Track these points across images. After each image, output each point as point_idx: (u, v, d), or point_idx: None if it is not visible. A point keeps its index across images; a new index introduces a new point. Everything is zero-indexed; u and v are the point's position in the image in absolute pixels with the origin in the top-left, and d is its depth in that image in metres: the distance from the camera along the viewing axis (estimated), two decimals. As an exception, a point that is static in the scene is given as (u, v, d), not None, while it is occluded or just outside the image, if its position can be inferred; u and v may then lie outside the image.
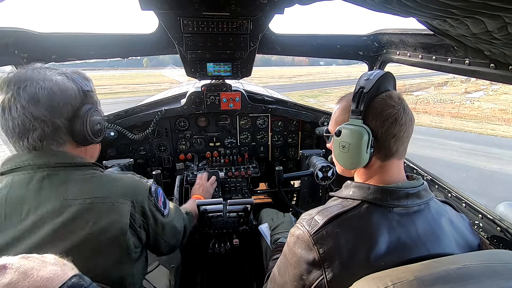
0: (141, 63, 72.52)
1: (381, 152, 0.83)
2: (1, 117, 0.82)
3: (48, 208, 0.79)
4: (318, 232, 0.77)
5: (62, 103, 0.85)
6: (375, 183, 0.84)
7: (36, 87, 0.81)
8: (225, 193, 1.98)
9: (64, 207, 0.80)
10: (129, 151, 2.27)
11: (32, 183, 0.81)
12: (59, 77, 0.86)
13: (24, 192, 0.80)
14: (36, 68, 0.86)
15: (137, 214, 0.91)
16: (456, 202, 1.34)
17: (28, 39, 1.46)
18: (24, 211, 0.78)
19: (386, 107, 0.81)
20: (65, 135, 0.88)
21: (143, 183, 0.99)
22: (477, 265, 0.65)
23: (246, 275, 2.09)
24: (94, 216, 0.82)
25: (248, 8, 1.34)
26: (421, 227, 0.77)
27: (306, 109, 2.33)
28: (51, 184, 0.82)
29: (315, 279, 0.75)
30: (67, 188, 0.82)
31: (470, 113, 18.75)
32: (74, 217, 0.79)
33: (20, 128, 0.81)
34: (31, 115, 0.81)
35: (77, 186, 0.84)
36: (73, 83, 0.89)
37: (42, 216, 0.78)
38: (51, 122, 0.83)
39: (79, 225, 0.79)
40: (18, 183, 0.81)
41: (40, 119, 0.82)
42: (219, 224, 1.68)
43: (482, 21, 0.64)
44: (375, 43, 1.75)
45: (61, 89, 0.85)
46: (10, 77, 0.82)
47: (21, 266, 0.55)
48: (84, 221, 0.80)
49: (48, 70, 0.87)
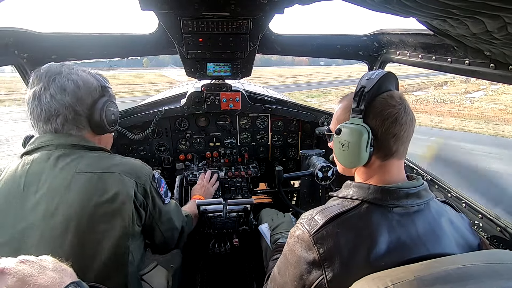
0: (141, 63, 72.55)
1: (381, 151, 0.83)
2: (32, 103, 0.95)
3: (61, 179, 0.89)
4: (318, 232, 0.77)
5: (84, 94, 0.99)
6: (375, 183, 0.84)
7: (63, 79, 0.96)
8: (225, 193, 1.98)
9: (75, 178, 0.89)
10: (129, 151, 2.27)
11: (50, 160, 0.92)
12: (83, 73, 1.02)
13: (43, 167, 0.91)
14: (65, 64, 1.02)
15: (139, 193, 0.98)
16: (456, 202, 1.34)
17: (28, 39, 1.46)
18: (41, 182, 0.88)
19: (387, 107, 0.81)
20: (84, 121, 1.01)
21: (148, 169, 1.07)
22: (477, 265, 0.65)
23: (246, 275, 2.09)
24: (102, 185, 0.91)
25: (248, 8, 1.34)
26: (421, 227, 0.77)
27: (306, 109, 2.33)
28: (66, 160, 0.93)
29: (315, 279, 0.75)
30: (79, 163, 0.93)
31: (470, 113, 18.76)
32: (84, 186, 0.89)
33: (47, 113, 0.95)
34: (57, 102, 0.94)
35: (88, 161, 0.94)
36: (94, 78, 1.04)
37: (56, 186, 0.88)
38: (73, 109, 0.97)
39: (88, 193, 0.88)
40: (39, 159, 0.93)
41: (65, 106, 0.95)
42: (219, 224, 1.68)
43: (482, 21, 0.64)
44: (375, 43, 1.75)
45: (84, 82, 1.00)
46: (43, 71, 0.97)
47: (20, 272, 0.55)
48: (92, 190, 0.89)
49: (75, 67, 1.02)
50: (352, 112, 0.84)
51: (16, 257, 0.59)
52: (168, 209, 1.14)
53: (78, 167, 0.92)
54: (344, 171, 0.98)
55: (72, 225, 0.85)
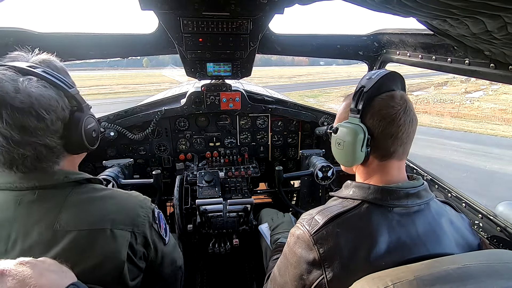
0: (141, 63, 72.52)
1: (379, 151, 0.84)
2: None
3: (39, 237, 0.70)
4: (318, 231, 0.77)
5: (50, 121, 0.72)
6: (375, 182, 0.84)
7: (15, 112, 0.67)
8: (225, 193, 1.98)
9: (57, 237, 0.70)
10: (129, 151, 2.27)
11: (21, 206, 0.72)
12: (35, 89, 0.70)
13: (12, 216, 0.71)
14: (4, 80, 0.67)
15: (138, 245, 0.81)
16: (456, 202, 1.34)
17: (28, 39, 1.46)
18: (11, 239, 0.69)
19: (385, 107, 0.81)
20: (60, 151, 0.78)
21: (147, 207, 0.88)
22: (477, 265, 0.65)
23: (246, 275, 2.09)
24: (89, 247, 0.72)
25: (248, 8, 1.34)
26: (421, 227, 0.77)
27: (306, 109, 2.33)
28: (42, 208, 0.72)
29: (315, 278, 0.75)
30: (60, 214, 0.72)
31: (470, 113, 18.75)
32: (68, 248, 0.70)
33: (6, 159, 0.71)
34: (18, 145, 0.69)
35: (72, 211, 0.74)
36: (53, 89, 0.74)
37: (31, 246, 0.69)
38: (43, 145, 0.72)
39: (72, 258, 0.68)
40: (4, 204, 0.72)
41: (31, 146, 0.71)
42: (219, 224, 1.68)
43: (482, 21, 0.64)
44: (375, 43, 1.75)
45: (43, 106, 0.70)
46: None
47: (20, 273, 0.54)
48: (78, 254, 0.71)
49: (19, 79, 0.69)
50: (351, 111, 0.85)
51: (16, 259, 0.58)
52: (169, 249, 0.99)
53: (59, 222, 0.71)
54: (345, 169, 1.00)
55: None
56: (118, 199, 0.83)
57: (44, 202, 0.73)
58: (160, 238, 0.91)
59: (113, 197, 0.83)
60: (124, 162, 1.93)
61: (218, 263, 2.13)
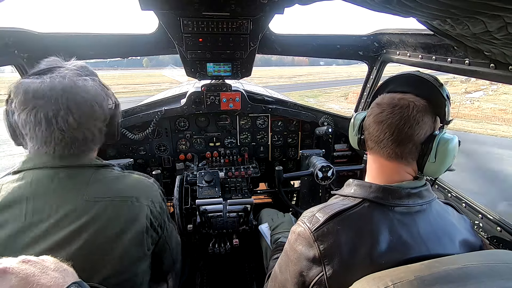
0: (141, 63, 72.55)
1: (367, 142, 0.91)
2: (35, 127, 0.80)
3: (70, 207, 0.79)
4: (319, 229, 0.77)
5: (99, 113, 0.87)
6: (377, 181, 0.84)
7: (75, 102, 0.81)
8: (225, 193, 1.98)
9: (86, 207, 0.80)
10: (129, 151, 2.27)
11: (55, 182, 0.81)
12: (91, 87, 0.86)
13: (47, 191, 0.80)
14: (67, 76, 0.83)
15: (152, 216, 0.92)
16: (456, 202, 1.34)
17: (28, 39, 1.46)
18: (46, 210, 0.78)
19: (374, 104, 0.88)
20: (99, 139, 0.92)
21: (157, 186, 1.01)
22: (477, 265, 0.65)
23: (246, 275, 2.09)
24: (116, 214, 0.83)
25: (248, 8, 1.34)
26: (422, 227, 0.77)
27: (306, 109, 2.33)
28: (73, 183, 0.83)
29: (315, 275, 0.75)
30: (88, 187, 0.83)
31: (470, 113, 18.75)
32: (96, 216, 0.80)
33: (57, 139, 0.82)
34: (72, 128, 0.82)
35: (98, 185, 0.85)
36: (101, 89, 0.90)
37: (65, 215, 0.79)
38: (90, 132, 0.86)
39: (101, 225, 0.80)
40: (40, 180, 0.81)
41: (82, 131, 0.84)
42: (219, 224, 1.68)
43: (482, 21, 0.64)
44: (375, 43, 1.75)
45: (96, 99, 0.86)
46: (44, 88, 0.79)
47: (22, 272, 0.55)
48: (106, 221, 0.81)
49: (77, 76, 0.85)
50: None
51: (17, 257, 0.58)
52: (173, 233, 1.12)
53: (87, 194, 0.82)
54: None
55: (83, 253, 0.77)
56: (135, 178, 0.96)
57: (74, 178, 0.84)
58: (167, 215, 1.04)
59: (131, 177, 0.96)
60: (124, 162, 1.93)
61: (218, 263, 2.13)
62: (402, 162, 0.84)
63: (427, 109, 0.80)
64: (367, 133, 0.89)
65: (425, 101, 0.80)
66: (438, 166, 0.81)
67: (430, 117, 0.80)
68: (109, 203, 0.83)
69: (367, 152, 0.94)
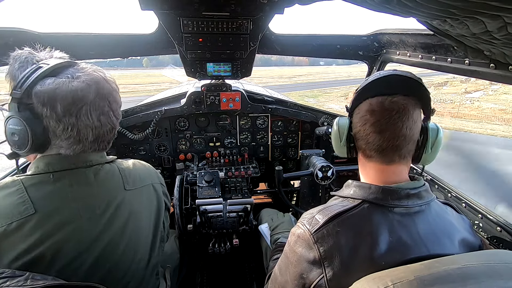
0: (141, 63, 72.55)
1: (361, 150, 0.89)
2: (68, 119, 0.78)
3: (115, 199, 0.87)
4: (318, 230, 0.77)
5: (120, 109, 0.94)
6: (375, 182, 0.84)
7: (108, 98, 0.86)
8: (225, 193, 1.99)
9: (126, 196, 0.89)
10: (129, 151, 2.27)
11: (91, 179, 0.85)
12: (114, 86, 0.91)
13: (89, 188, 0.84)
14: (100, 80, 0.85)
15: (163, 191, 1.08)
16: (456, 202, 1.34)
17: (28, 39, 1.45)
18: (96, 207, 0.83)
19: (366, 112, 0.83)
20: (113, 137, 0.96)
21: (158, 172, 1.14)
22: (477, 265, 0.65)
23: (246, 275, 2.09)
24: (146, 197, 0.97)
25: (248, 8, 1.34)
26: (421, 228, 0.77)
27: (306, 109, 2.33)
28: (106, 177, 0.88)
29: (316, 277, 0.75)
30: (120, 179, 0.91)
31: (470, 113, 18.75)
32: (135, 200, 0.92)
33: (95, 135, 0.85)
34: (108, 123, 0.87)
35: (126, 175, 0.93)
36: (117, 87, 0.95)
37: (116, 207, 0.86)
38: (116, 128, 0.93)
39: (135, 208, 0.91)
40: (79, 180, 0.83)
41: (112, 126, 0.90)
42: (219, 224, 1.68)
43: (482, 21, 0.64)
44: (375, 43, 1.75)
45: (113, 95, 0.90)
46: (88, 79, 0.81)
47: None
48: (142, 206, 0.94)
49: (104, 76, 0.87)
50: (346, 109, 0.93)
51: None
52: None
53: (124, 185, 0.91)
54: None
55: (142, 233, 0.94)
56: (143, 165, 1.06)
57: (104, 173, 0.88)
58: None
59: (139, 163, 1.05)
60: None
61: (218, 263, 2.13)
62: (401, 163, 0.84)
63: (417, 105, 0.81)
64: (363, 142, 0.85)
65: (414, 99, 0.81)
66: (433, 154, 0.87)
67: (419, 112, 0.83)
68: (138, 190, 0.94)
69: (361, 158, 0.91)
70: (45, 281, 0.68)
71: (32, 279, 0.68)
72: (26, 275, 0.69)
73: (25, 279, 0.67)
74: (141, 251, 0.94)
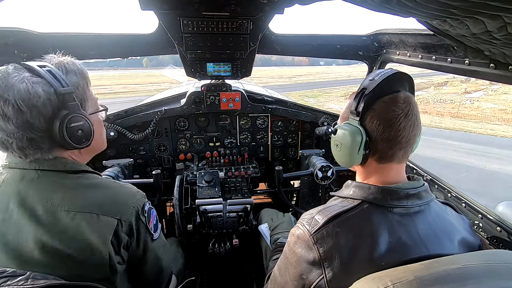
0: (141, 63, 72.54)
1: (377, 154, 0.83)
2: None
3: (31, 211, 0.77)
4: (318, 231, 0.77)
5: (30, 117, 0.77)
6: (375, 183, 0.84)
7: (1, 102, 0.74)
8: (225, 193, 1.99)
9: (48, 214, 0.77)
10: (129, 151, 2.27)
11: (23, 181, 0.81)
12: (23, 85, 0.76)
13: (15, 189, 0.80)
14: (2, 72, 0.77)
15: (122, 233, 0.84)
16: (456, 202, 1.34)
17: (28, 39, 1.46)
18: (9, 208, 0.78)
19: (385, 111, 0.79)
20: (46, 143, 0.82)
21: (138, 199, 0.91)
22: (477, 265, 0.65)
23: (246, 275, 2.09)
24: (75, 229, 0.78)
25: (248, 8, 1.34)
26: (421, 228, 0.77)
27: (306, 109, 2.33)
28: (40, 186, 0.80)
29: (315, 278, 0.75)
30: (54, 194, 0.80)
31: (470, 113, 18.75)
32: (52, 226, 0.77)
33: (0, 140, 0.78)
34: (2, 131, 0.77)
35: (65, 193, 0.81)
36: (44, 87, 0.78)
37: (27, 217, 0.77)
38: (24, 135, 0.78)
39: (56, 238, 0.76)
40: (11, 178, 0.82)
41: (12, 133, 0.77)
42: (219, 224, 1.68)
43: (482, 21, 0.64)
44: (375, 43, 1.75)
45: (25, 100, 0.75)
46: None
47: None
48: (61, 233, 0.77)
49: (14, 75, 0.77)
50: (351, 113, 0.84)
51: None
52: (156, 246, 0.99)
53: (52, 201, 0.78)
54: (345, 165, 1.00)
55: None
56: (109, 188, 0.89)
57: (42, 181, 0.81)
58: (146, 230, 0.93)
59: (106, 186, 0.89)
60: (124, 162, 1.93)
61: (218, 263, 2.13)
62: (402, 162, 0.85)
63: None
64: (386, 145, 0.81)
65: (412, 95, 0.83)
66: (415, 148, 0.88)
67: None
68: (71, 216, 0.78)
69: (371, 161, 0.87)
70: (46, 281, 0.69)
71: (33, 279, 0.68)
72: (27, 274, 0.69)
73: (26, 278, 0.68)
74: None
